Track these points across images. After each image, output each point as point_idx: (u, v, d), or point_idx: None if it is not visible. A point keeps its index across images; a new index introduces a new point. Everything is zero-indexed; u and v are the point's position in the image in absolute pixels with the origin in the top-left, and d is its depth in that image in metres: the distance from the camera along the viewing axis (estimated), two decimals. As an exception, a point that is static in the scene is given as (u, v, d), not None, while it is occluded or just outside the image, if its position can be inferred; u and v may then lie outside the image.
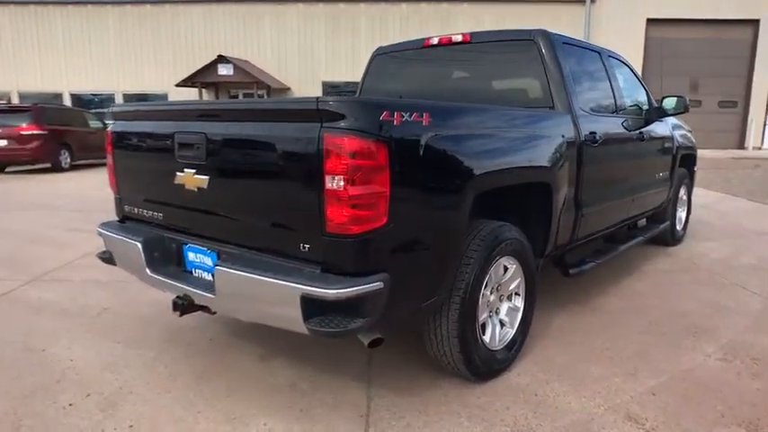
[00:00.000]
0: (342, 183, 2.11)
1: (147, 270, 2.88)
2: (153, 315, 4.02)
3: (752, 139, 20.95)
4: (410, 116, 2.32)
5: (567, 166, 3.45)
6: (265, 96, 20.62)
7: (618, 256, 4.44)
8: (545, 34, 3.72)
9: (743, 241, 6.33)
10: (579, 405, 2.78)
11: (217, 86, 20.85)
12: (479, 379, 2.95)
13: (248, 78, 19.25)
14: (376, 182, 2.15)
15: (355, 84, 20.72)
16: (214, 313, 2.79)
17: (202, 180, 2.62)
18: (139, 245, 2.88)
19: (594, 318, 3.94)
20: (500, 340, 3.07)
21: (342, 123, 2.11)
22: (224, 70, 18.98)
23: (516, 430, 2.57)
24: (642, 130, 4.59)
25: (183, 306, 2.71)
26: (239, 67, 19.10)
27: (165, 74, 21.30)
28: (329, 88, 21.11)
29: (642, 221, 5.38)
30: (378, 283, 2.19)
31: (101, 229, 3.25)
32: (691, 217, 6.58)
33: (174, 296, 2.78)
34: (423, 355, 3.04)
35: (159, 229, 3.01)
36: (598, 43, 4.99)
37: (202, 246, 2.75)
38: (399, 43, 4.61)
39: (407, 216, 2.31)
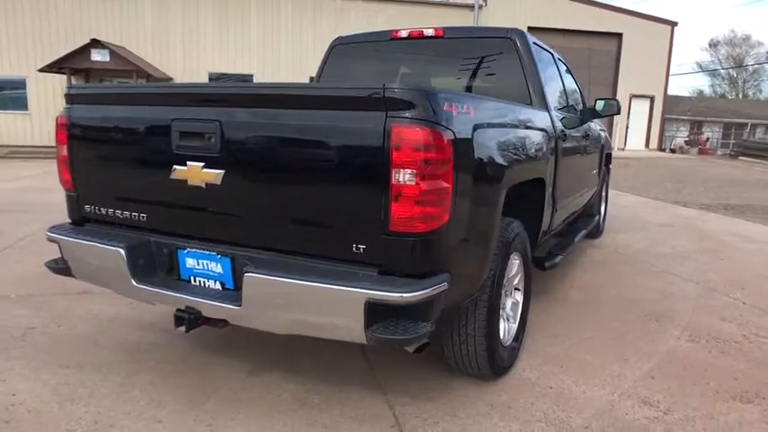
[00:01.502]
0: (411, 177, 1.93)
1: (133, 281, 2.45)
2: (95, 332, 3.48)
3: (617, 141, 23.37)
4: (463, 107, 2.20)
5: (551, 161, 3.53)
6: (144, 87, 19.04)
7: (574, 248, 4.67)
8: (522, 34, 3.78)
9: (650, 233, 7.00)
10: (595, 394, 2.84)
11: (88, 73, 18.78)
12: (497, 376, 2.91)
13: (127, 66, 17.57)
14: (442, 176, 2.00)
15: (247, 76, 19.99)
16: (221, 327, 2.44)
17: (213, 175, 2.27)
18: (122, 251, 2.44)
19: (565, 309, 4.09)
20: (508, 335, 3.06)
21: (410, 113, 1.94)
22: (98, 56, 17.13)
23: (550, 424, 2.56)
24: (585, 128, 4.85)
25: (192, 320, 2.35)
26: (116, 53, 17.36)
27: (24, 57, 18.80)
28: (224, 79, 19.99)
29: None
30: (444, 284, 2.05)
31: (54, 234, 2.72)
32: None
33: (175, 309, 2.40)
34: (421, 356, 2.92)
35: (139, 233, 2.59)
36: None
37: (208, 250, 2.40)
38: (361, 34, 4.43)
39: (462, 212, 2.18)
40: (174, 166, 2.36)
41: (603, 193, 6.68)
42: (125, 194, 2.63)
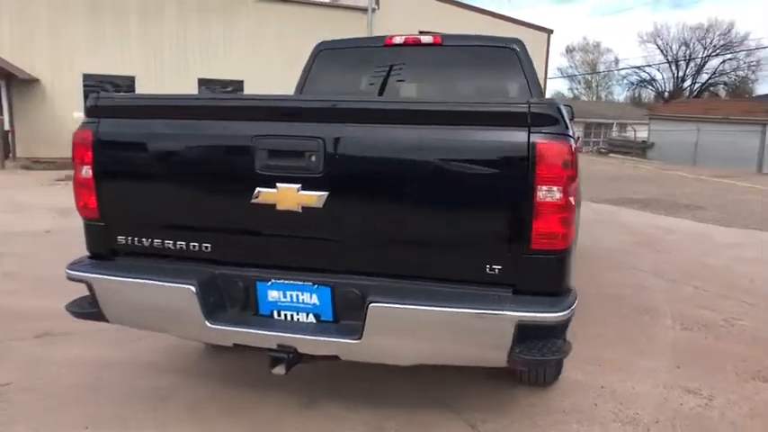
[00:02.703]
0: (556, 194, 1.90)
1: (207, 322, 2.14)
2: (91, 381, 3.02)
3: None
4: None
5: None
6: (2, 89, 16.73)
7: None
8: (522, 44, 3.88)
9: (586, 228, 7.54)
10: (642, 389, 3.00)
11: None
12: (554, 381, 2.95)
13: (-18, 65, 15.35)
14: (573, 192, 1.99)
15: (126, 78, 18.37)
16: (310, 360, 2.19)
17: (314, 197, 2.05)
18: (194, 288, 2.13)
19: (563, 307, 4.27)
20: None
21: (553, 128, 1.90)
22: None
23: (625, 423, 2.66)
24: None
25: (291, 360, 2.10)
26: (-31, 50, 15.11)
27: None
28: (103, 82, 18.10)
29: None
30: (577, 300, 2.05)
31: (83, 273, 2.31)
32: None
33: (268, 349, 2.14)
34: (465, 370, 2.85)
35: (197, 265, 2.27)
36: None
37: (300, 280, 2.17)
38: (349, 39, 4.29)
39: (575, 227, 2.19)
40: (258, 189, 2.10)
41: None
42: (179, 222, 2.29)
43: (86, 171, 2.32)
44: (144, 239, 2.32)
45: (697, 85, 42.80)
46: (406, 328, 1.98)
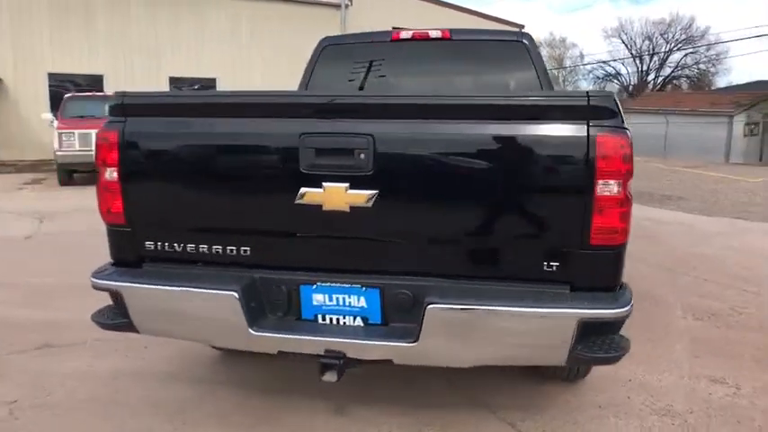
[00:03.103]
0: (616, 188, 1.88)
1: (251, 330, 2.05)
2: (110, 394, 2.88)
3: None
4: None
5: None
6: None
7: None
8: (529, 37, 3.86)
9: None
10: (670, 381, 3.02)
11: None
12: (585, 376, 2.95)
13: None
14: (629, 185, 1.97)
15: (93, 77, 17.77)
16: (357, 365, 2.12)
17: (364, 196, 1.98)
18: (236, 295, 2.03)
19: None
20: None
21: (612, 121, 1.87)
22: None
23: (662, 415, 2.67)
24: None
25: (342, 365, 2.03)
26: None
27: None
28: (65, 82, 17.46)
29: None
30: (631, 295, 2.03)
31: (112, 282, 2.18)
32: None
33: (316, 356, 2.05)
34: (493, 368, 2.83)
35: (237, 269, 2.17)
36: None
37: (347, 283, 2.09)
38: (355, 34, 4.21)
39: None
40: (303, 189, 2.01)
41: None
42: (214, 225, 2.18)
43: (111, 173, 2.20)
44: (175, 245, 2.20)
45: (660, 79, 43.88)
46: (465, 329, 1.93)
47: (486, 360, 2.06)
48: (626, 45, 44.19)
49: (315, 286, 2.12)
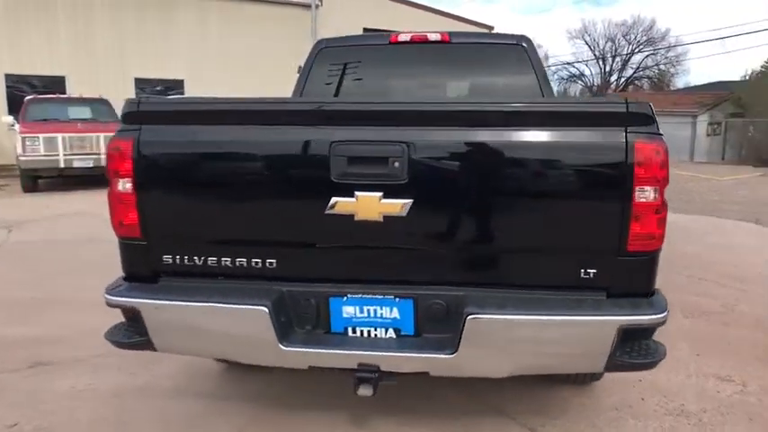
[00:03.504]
0: (654, 194, 1.88)
1: (281, 345, 1.98)
2: (116, 414, 2.76)
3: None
4: None
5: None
6: None
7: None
8: (528, 40, 3.88)
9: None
10: (678, 380, 3.07)
11: None
12: (599, 379, 2.96)
13: None
14: (666, 191, 1.98)
15: (55, 78, 17.12)
16: (392, 378, 2.07)
17: (398, 205, 1.93)
18: (266, 309, 1.96)
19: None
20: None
21: (649, 128, 1.87)
22: None
23: (677, 415, 2.71)
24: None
25: (377, 378, 1.98)
26: None
27: None
28: (21, 83, 16.70)
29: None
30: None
31: (133, 299, 2.07)
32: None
33: (351, 370, 2.00)
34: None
35: (262, 283, 2.10)
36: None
37: (380, 294, 2.04)
38: (350, 37, 4.15)
39: None
40: (334, 199, 1.95)
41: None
42: (239, 238, 2.10)
43: (125, 184, 2.09)
44: (195, 258, 2.11)
45: (623, 80, 45.04)
46: (506, 339, 1.90)
47: (523, 370, 2.04)
48: (589, 46, 45.21)
49: (345, 298, 2.06)
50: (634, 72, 44.38)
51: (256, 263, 2.09)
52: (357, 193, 1.94)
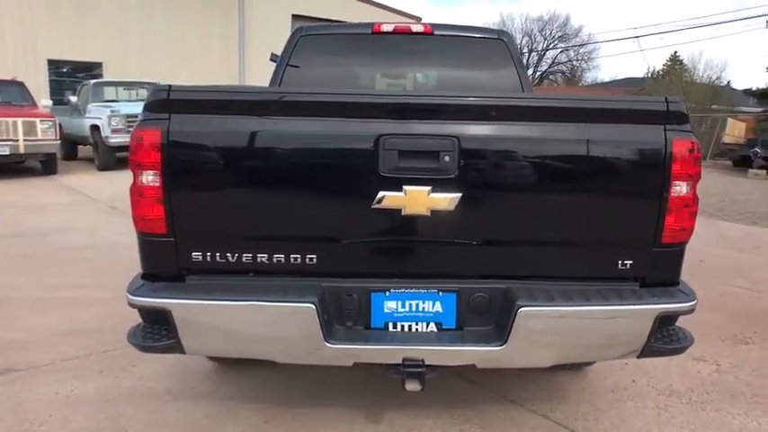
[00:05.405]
0: (688, 189, 1.99)
1: (327, 343, 1.92)
2: (109, 420, 2.56)
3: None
4: None
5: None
6: None
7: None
8: (509, 36, 3.96)
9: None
10: (661, 363, 3.21)
11: None
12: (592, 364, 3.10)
13: None
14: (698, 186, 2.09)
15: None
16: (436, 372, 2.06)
17: (447, 200, 1.92)
18: (313, 307, 1.89)
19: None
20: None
21: (685, 126, 1.98)
22: None
23: (669, 395, 2.90)
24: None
25: (423, 374, 1.96)
26: None
27: None
28: None
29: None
30: (688, 287, 2.17)
31: (163, 299, 1.93)
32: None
33: (397, 365, 1.97)
34: None
35: (302, 279, 2.02)
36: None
37: (423, 288, 2.03)
38: (332, 25, 4.05)
39: None
40: (382, 193, 1.91)
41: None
42: (278, 233, 2.00)
43: (150, 177, 1.93)
44: (228, 255, 1.99)
45: (538, 74, 47.10)
46: (555, 330, 1.95)
47: (566, 359, 2.11)
48: (507, 42, 46.77)
49: (388, 293, 2.03)
50: (549, 67, 46.53)
51: (295, 258, 2.00)
52: (406, 187, 1.91)
